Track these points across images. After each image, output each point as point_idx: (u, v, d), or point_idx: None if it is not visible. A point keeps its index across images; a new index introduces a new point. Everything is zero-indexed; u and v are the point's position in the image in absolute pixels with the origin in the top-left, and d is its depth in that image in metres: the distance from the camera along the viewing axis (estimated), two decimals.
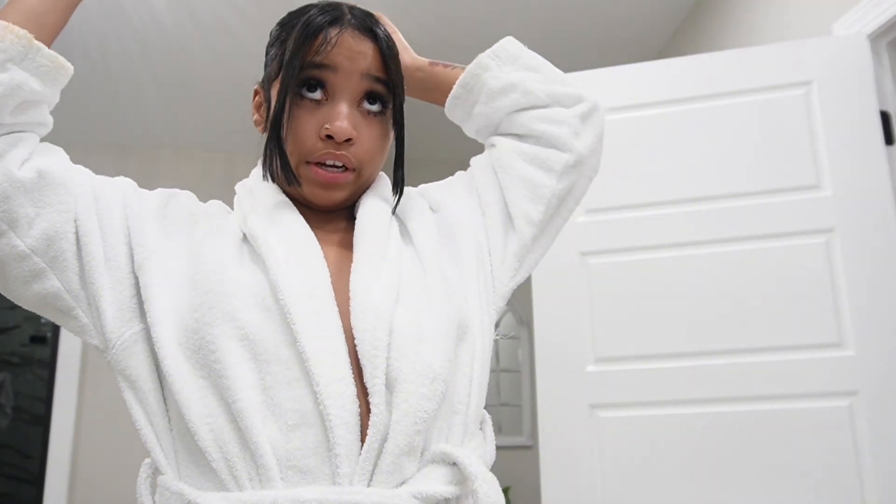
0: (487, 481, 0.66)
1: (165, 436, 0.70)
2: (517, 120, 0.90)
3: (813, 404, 1.62)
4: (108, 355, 0.72)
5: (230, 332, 0.67)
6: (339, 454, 0.64)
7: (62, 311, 0.72)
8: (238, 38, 2.74)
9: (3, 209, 0.68)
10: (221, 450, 0.65)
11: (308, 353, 0.66)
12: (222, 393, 0.66)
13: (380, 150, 0.81)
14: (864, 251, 1.65)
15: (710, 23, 2.51)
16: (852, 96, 1.71)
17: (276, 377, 0.66)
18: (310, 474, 0.64)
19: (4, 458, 4.69)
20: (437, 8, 2.62)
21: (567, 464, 1.74)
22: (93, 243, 0.72)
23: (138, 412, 0.71)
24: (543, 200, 0.86)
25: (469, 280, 0.80)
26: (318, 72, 0.77)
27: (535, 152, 0.87)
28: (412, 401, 0.67)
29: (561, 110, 0.89)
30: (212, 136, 3.59)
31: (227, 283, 0.70)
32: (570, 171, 0.88)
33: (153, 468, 0.71)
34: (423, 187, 0.91)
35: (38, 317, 4.92)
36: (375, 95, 0.80)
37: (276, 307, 0.69)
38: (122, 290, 0.72)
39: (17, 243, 0.69)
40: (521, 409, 3.97)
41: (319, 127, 0.77)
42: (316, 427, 0.65)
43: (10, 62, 0.69)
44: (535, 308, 1.85)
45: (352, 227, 0.82)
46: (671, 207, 1.80)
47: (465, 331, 0.76)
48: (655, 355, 1.74)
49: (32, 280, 0.71)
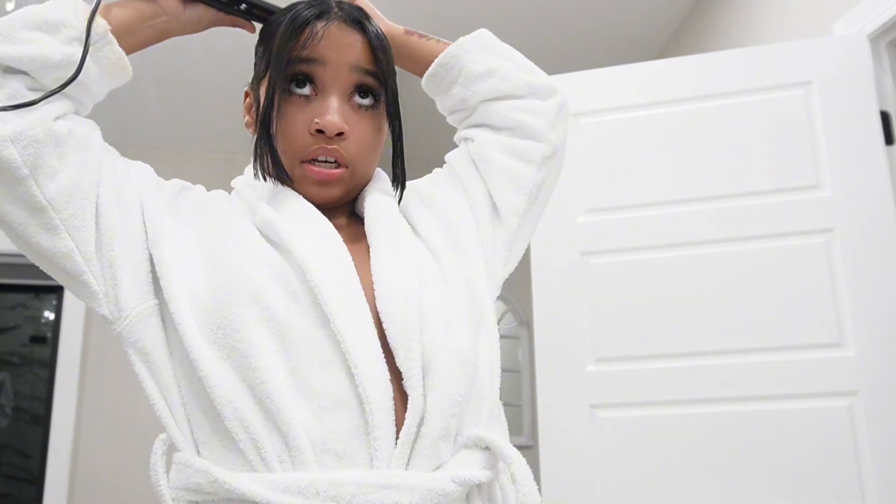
0: (523, 464, 0.68)
1: (179, 411, 0.69)
2: (494, 108, 0.89)
3: (813, 404, 1.62)
4: (120, 326, 0.71)
5: (255, 313, 0.67)
6: (378, 437, 0.64)
7: (71, 274, 0.71)
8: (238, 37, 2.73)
9: (30, 152, 0.68)
10: (247, 430, 0.64)
11: (344, 336, 0.66)
12: (246, 374, 0.65)
13: (373, 146, 0.81)
14: (864, 251, 1.65)
15: (710, 23, 2.51)
16: (852, 96, 1.71)
17: (307, 359, 0.66)
18: (346, 458, 0.63)
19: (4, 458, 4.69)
20: (437, 8, 2.62)
21: (567, 464, 1.74)
22: (113, 211, 0.72)
23: (151, 386, 0.70)
24: (525, 190, 0.87)
25: (475, 268, 0.81)
26: (305, 66, 0.76)
27: (514, 144, 0.88)
28: (448, 384, 0.67)
29: (538, 102, 0.90)
30: (212, 136, 3.59)
31: (249, 265, 0.70)
32: (546, 162, 0.89)
33: (168, 444, 0.70)
34: (411, 184, 0.91)
35: (39, 317, 4.92)
36: (366, 89, 0.79)
37: (303, 289, 0.69)
38: (139, 262, 0.72)
39: (36, 192, 0.68)
40: (521, 409, 3.98)
41: (309, 122, 0.76)
42: (352, 410, 0.65)
43: (76, 41, 0.71)
44: (535, 308, 1.85)
45: (354, 222, 0.83)
46: (671, 207, 1.80)
47: (481, 317, 0.76)
48: (655, 355, 1.73)
49: (43, 233, 0.69)
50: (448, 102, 0.93)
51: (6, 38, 0.69)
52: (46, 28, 0.71)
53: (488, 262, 0.84)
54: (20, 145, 0.67)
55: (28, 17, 0.71)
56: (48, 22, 0.71)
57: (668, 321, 1.74)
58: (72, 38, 0.71)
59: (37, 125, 0.68)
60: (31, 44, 0.69)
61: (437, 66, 0.90)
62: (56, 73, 0.71)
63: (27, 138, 0.67)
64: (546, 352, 1.82)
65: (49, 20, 0.71)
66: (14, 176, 0.67)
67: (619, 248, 1.82)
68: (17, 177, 0.67)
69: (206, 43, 2.80)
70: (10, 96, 0.69)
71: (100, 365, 3.34)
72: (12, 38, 0.69)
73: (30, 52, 0.69)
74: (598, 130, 1.90)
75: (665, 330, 1.74)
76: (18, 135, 0.67)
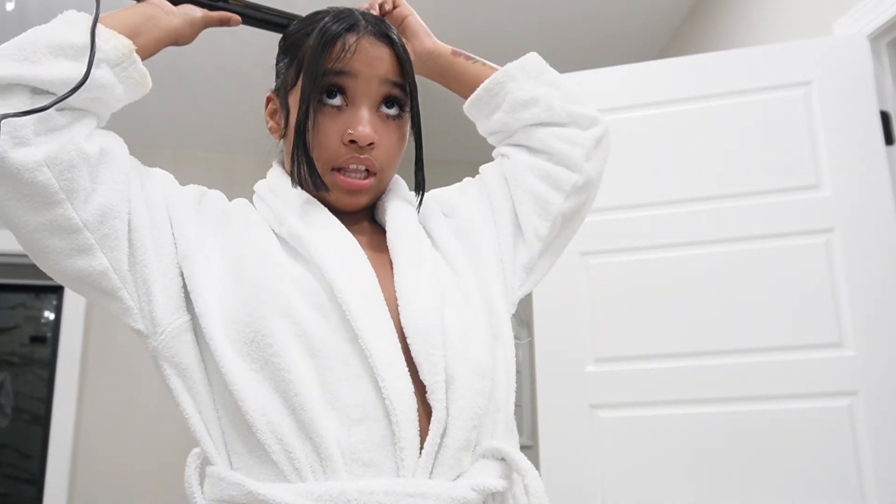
0: (536, 477, 0.72)
1: (214, 426, 0.71)
2: (534, 134, 0.91)
3: (813, 404, 1.62)
4: (155, 340, 0.72)
5: (287, 327, 0.69)
6: (404, 448, 0.67)
7: (105, 292, 0.72)
8: (238, 37, 2.74)
9: (67, 178, 0.67)
10: (281, 442, 0.66)
11: (371, 351, 0.69)
12: (280, 386, 0.68)
13: (398, 153, 0.84)
14: (864, 251, 1.65)
15: (710, 23, 2.51)
16: (852, 96, 1.71)
17: (335, 373, 0.69)
18: (374, 467, 0.67)
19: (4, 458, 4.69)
20: (437, 7, 2.62)
21: (567, 464, 1.74)
22: (144, 227, 0.72)
23: (187, 401, 0.71)
24: (550, 217, 0.88)
25: (492, 283, 0.83)
26: (338, 78, 0.79)
27: (547, 169, 0.89)
28: (469, 397, 0.71)
29: (577, 131, 0.91)
30: (212, 136, 3.59)
31: (278, 279, 0.72)
32: (577, 192, 0.90)
33: (202, 458, 0.71)
34: (435, 192, 0.93)
35: (39, 317, 4.93)
36: (393, 99, 0.82)
37: (330, 305, 0.72)
38: (171, 278, 0.73)
39: (72, 215, 0.68)
40: (522, 410, 3.97)
41: (342, 133, 0.79)
42: (380, 422, 0.68)
43: (105, 63, 0.72)
44: (536, 308, 1.85)
45: (375, 229, 0.86)
46: (671, 207, 1.80)
47: (498, 331, 0.80)
48: (655, 355, 1.73)
49: (77, 255, 0.70)
50: (489, 126, 0.95)
51: (32, 61, 0.68)
52: (72, 54, 0.70)
53: (506, 279, 0.86)
54: (56, 169, 0.67)
55: (51, 41, 0.70)
56: (73, 47, 0.70)
57: (668, 321, 1.74)
58: (99, 62, 0.71)
59: (69, 147, 0.68)
60: (58, 68, 0.69)
61: (483, 91, 0.92)
62: (85, 94, 0.70)
63: (62, 162, 0.67)
64: (546, 352, 1.82)
65: (74, 45, 0.70)
66: (50, 200, 0.67)
67: (619, 248, 1.82)
68: (53, 200, 0.67)
69: (205, 43, 2.80)
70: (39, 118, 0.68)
71: (100, 365, 3.34)
72: (38, 61, 0.68)
73: (59, 75, 0.68)
74: None
75: (665, 330, 1.74)
76: (53, 158, 0.67)
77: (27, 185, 0.66)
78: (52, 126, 0.68)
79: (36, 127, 0.67)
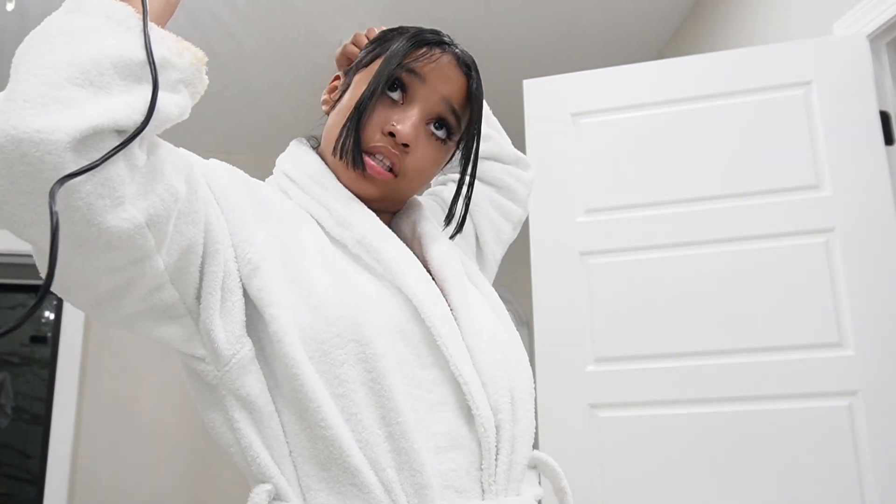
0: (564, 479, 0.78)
1: (286, 461, 0.67)
2: (487, 165, 1.02)
3: (813, 404, 1.62)
4: (220, 370, 0.67)
5: (384, 350, 0.67)
6: (485, 471, 0.70)
7: (170, 318, 0.66)
8: (237, 39, 2.74)
9: (160, 230, 0.58)
10: (374, 469, 0.65)
11: (465, 378, 0.70)
12: (380, 413, 0.66)
13: (427, 172, 0.84)
14: (864, 251, 1.65)
15: (710, 23, 2.51)
16: (852, 96, 1.71)
17: (421, 400, 0.69)
18: (464, 493, 0.68)
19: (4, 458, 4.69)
20: (437, 8, 2.62)
21: (567, 464, 1.73)
22: (218, 253, 0.66)
23: (252, 435, 0.67)
24: (503, 245, 1.01)
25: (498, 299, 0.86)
26: (407, 75, 0.81)
27: (500, 201, 1.01)
28: (528, 414, 0.74)
29: (521, 172, 1.05)
30: (212, 137, 3.59)
31: (362, 299, 0.69)
32: (518, 225, 1.03)
33: (271, 496, 0.66)
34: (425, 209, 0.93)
35: (39, 317, 4.92)
36: (445, 122, 0.83)
37: (410, 327, 0.71)
38: (235, 302, 0.68)
39: (159, 263, 0.60)
40: None
41: (386, 122, 0.80)
42: (466, 449, 0.70)
43: (182, 83, 0.60)
44: (535, 308, 1.85)
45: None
46: (671, 207, 1.80)
47: (521, 345, 0.82)
48: (655, 355, 1.73)
49: (151, 295, 0.63)
50: None
51: (99, 86, 0.53)
52: (141, 73, 0.56)
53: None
54: (155, 229, 0.57)
55: (117, 59, 0.54)
56: (142, 65, 0.56)
57: (668, 321, 1.74)
58: (178, 82, 0.60)
59: (166, 196, 0.57)
60: (135, 97, 0.55)
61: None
62: (166, 126, 0.59)
63: (161, 217, 0.57)
64: (546, 352, 1.81)
65: (142, 62, 0.56)
66: (140, 255, 0.58)
67: (619, 248, 1.82)
68: (143, 255, 0.58)
69: (205, 44, 2.80)
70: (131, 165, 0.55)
71: (100, 365, 3.34)
72: (107, 86, 0.54)
73: (140, 108, 0.55)
74: (597, 130, 1.90)
75: (665, 330, 1.74)
76: (154, 218, 0.56)
77: (119, 251, 0.56)
78: (145, 173, 0.56)
79: (135, 177, 0.55)
